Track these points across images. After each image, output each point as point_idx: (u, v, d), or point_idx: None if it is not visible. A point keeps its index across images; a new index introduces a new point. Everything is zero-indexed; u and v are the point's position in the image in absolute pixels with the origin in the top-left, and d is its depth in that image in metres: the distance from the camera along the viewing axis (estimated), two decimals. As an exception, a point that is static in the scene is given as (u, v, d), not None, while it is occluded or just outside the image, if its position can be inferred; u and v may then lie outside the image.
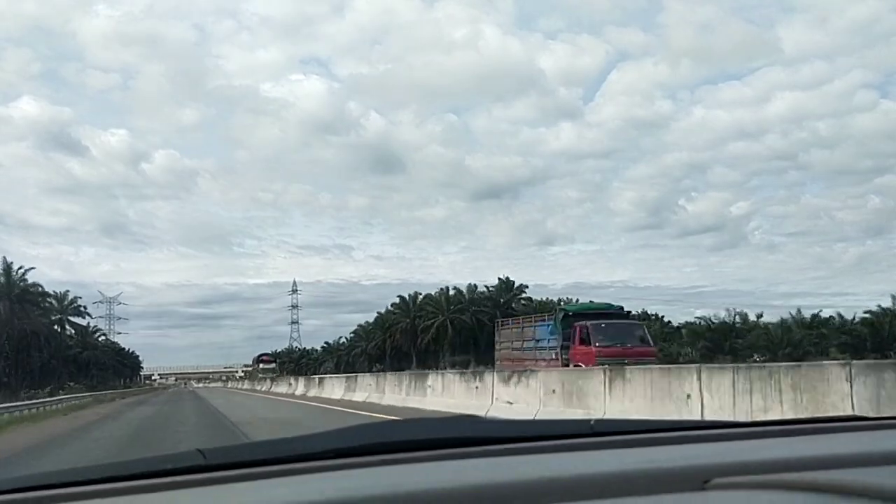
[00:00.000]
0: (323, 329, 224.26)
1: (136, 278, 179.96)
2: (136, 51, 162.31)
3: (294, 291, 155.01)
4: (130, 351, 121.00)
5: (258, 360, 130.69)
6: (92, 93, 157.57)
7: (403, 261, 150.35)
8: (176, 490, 1.19)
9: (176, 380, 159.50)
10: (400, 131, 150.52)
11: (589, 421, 1.59)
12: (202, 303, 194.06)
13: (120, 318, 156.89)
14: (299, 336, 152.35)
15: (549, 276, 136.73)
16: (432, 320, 72.99)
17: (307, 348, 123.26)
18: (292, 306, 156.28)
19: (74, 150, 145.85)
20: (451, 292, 75.69)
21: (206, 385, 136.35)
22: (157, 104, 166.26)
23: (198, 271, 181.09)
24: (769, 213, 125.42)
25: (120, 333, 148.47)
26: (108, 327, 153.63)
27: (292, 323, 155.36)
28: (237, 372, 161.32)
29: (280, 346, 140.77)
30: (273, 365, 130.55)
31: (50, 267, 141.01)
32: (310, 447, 1.35)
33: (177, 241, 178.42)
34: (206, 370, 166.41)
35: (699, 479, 1.09)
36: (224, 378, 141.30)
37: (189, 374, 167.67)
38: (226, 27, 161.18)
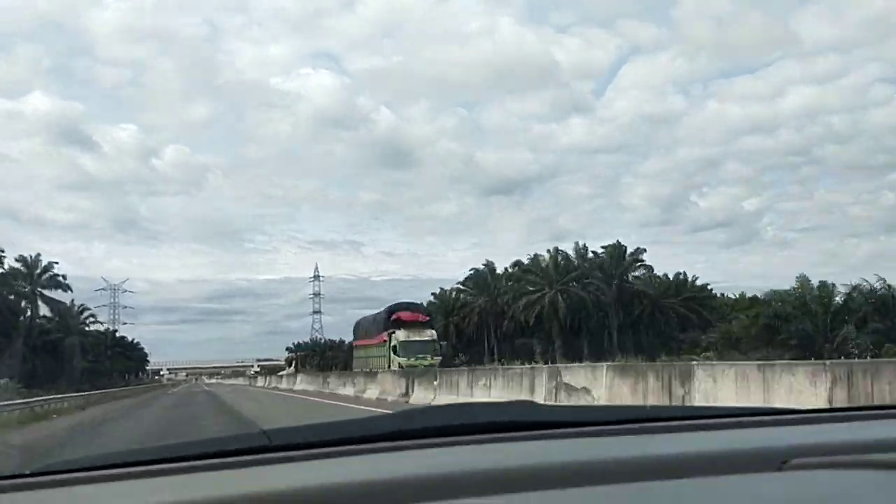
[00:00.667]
0: (334, 325, 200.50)
1: (147, 274, 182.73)
2: (146, 46, 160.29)
3: (316, 278, 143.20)
4: (134, 342, 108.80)
5: (295, 354, 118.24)
6: (103, 88, 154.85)
7: (414, 257, 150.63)
8: (243, 468, 1.23)
9: (187, 375, 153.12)
10: (410, 126, 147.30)
11: (645, 406, 1.45)
12: (213, 298, 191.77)
13: (126, 307, 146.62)
14: (321, 327, 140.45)
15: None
16: (537, 293, 55.92)
17: (335, 340, 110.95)
18: (314, 294, 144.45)
19: (86, 145, 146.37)
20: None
21: (220, 381, 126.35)
22: (168, 100, 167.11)
23: (209, 267, 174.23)
24: (781, 209, 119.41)
25: (126, 324, 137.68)
26: (111, 317, 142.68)
27: (315, 313, 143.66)
28: (252, 367, 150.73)
29: (291, 341, 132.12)
30: (288, 356, 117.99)
31: (62, 262, 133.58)
32: (369, 429, 1.39)
33: (188, 237, 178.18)
34: (218, 364, 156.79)
35: (776, 461, 1.12)
36: (236, 373, 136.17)
37: (200, 368, 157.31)
38: (236, 22, 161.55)
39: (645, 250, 59.08)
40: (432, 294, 70.16)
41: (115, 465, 1.26)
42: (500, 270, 63.73)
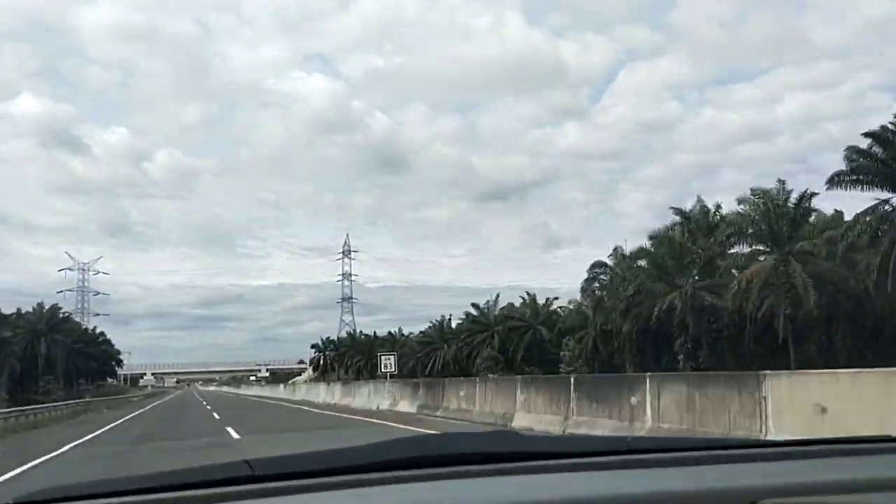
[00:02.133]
0: (328, 332, 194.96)
1: (139, 279, 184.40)
2: (136, 46, 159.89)
3: (345, 254, 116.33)
4: (97, 334, 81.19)
5: (323, 353, 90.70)
6: (92, 90, 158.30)
7: (408, 263, 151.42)
8: (225, 502, 1.20)
9: (178, 382, 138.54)
10: (405, 130, 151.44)
11: (626, 438, 1.60)
12: (206, 304, 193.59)
13: (98, 294, 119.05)
14: (353, 319, 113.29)
15: (554, 280, 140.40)
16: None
17: (376, 334, 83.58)
18: (343, 275, 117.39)
19: (76, 148, 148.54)
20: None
21: (221, 390, 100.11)
22: (158, 101, 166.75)
23: (201, 272, 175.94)
24: None
25: (98, 315, 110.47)
26: (79, 306, 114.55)
27: (343, 300, 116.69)
28: (260, 370, 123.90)
29: (280, 354, 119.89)
30: (314, 356, 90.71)
31: (52, 266, 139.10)
32: (354, 459, 1.39)
33: (180, 242, 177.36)
34: (218, 369, 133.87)
35: (745, 501, 1.11)
36: (235, 379, 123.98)
37: (194, 372, 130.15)
38: (227, 23, 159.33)
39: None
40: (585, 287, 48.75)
41: (94, 496, 1.24)
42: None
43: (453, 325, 66.75)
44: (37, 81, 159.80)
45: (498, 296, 61.42)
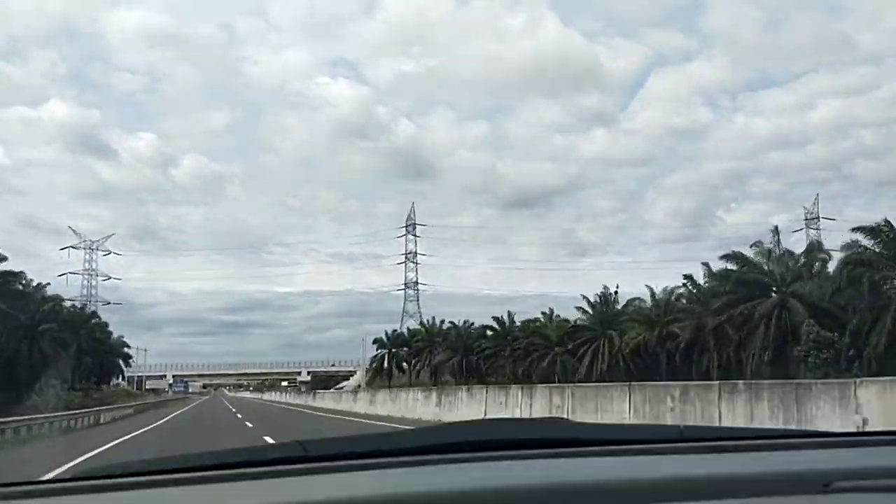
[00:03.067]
0: (352, 340, 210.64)
1: (167, 285, 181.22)
2: (163, 52, 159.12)
3: (409, 229, 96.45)
4: (100, 324, 61.74)
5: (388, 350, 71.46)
6: (119, 95, 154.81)
7: (433, 270, 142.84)
8: (280, 478, 1.24)
9: (204, 387, 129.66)
10: (430, 136, 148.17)
11: (678, 427, 1.62)
12: (232, 310, 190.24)
13: (109, 278, 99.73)
14: (419, 310, 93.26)
15: (581, 288, 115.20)
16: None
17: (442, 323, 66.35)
18: (406, 256, 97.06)
19: (104, 153, 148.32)
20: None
21: (261, 399, 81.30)
22: (185, 107, 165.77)
23: (228, 278, 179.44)
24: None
25: (108, 304, 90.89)
26: (85, 291, 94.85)
27: (407, 286, 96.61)
28: (300, 374, 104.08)
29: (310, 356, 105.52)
30: (376, 354, 70.44)
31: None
32: (404, 443, 1.40)
33: (207, 247, 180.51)
34: (245, 371, 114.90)
35: (819, 483, 1.12)
36: (265, 385, 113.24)
37: (221, 374, 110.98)
38: (254, 28, 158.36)
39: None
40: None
41: (146, 473, 1.27)
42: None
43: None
44: (64, 87, 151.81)
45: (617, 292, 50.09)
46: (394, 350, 70.65)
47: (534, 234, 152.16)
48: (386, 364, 70.15)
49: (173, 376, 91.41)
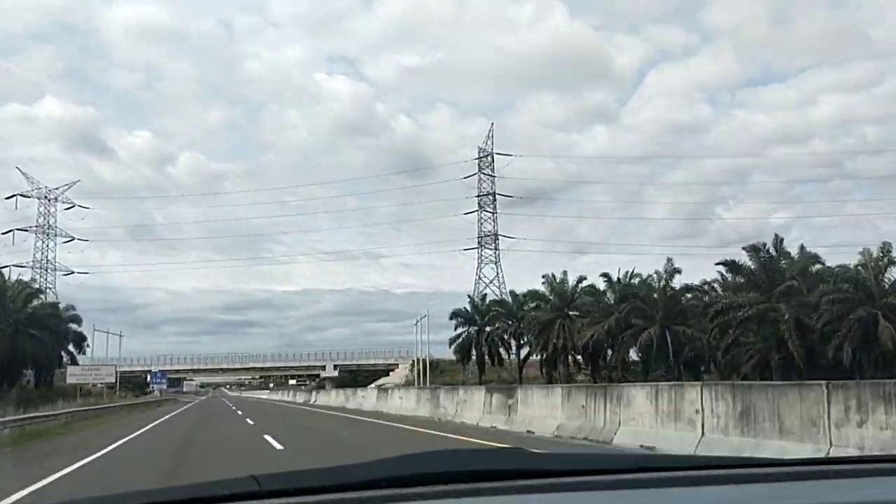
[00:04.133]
0: (353, 338, 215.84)
1: (166, 284, 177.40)
2: (160, 48, 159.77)
3: (484, 161, 74.66)
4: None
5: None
6: (116, 92, 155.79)
7: (433, 269, 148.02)
8: None
9: (202, 386, 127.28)
10: (429, 133, 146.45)
11: (634, 456, 1.62)
12: (231, 309, 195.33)
13: (71, 239, 76.66)
14: (501, 273, 71.21)
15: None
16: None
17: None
18: (482, 203, 75.29)
19: (101, 151, 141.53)
20: None
21: (285, 401, 59.17)
22: (182, 105, 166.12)
23: (226, 277, 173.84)
24: (810, 224, 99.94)
25: (70, 273, 67.89)
26: (38, 249, 72.16)
27: (482, 240, 74.23)
28: (324, 368, 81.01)
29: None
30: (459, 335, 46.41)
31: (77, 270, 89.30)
32: (362, 476, 1.37)
33: (205, 246, 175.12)
34: (250, 365, 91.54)
35: None
36: (264, 381, 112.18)
37: (222, 369, 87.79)
38: (252, 24, 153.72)
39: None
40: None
41: None
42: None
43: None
44: (61, 84, 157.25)
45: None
46: (486, 328, 47.38)
47: (534, 232, 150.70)
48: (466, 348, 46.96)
49: (160, 371, 66.90)
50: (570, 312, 47.19)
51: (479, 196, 77.43)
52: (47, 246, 74.92)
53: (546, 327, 45.68)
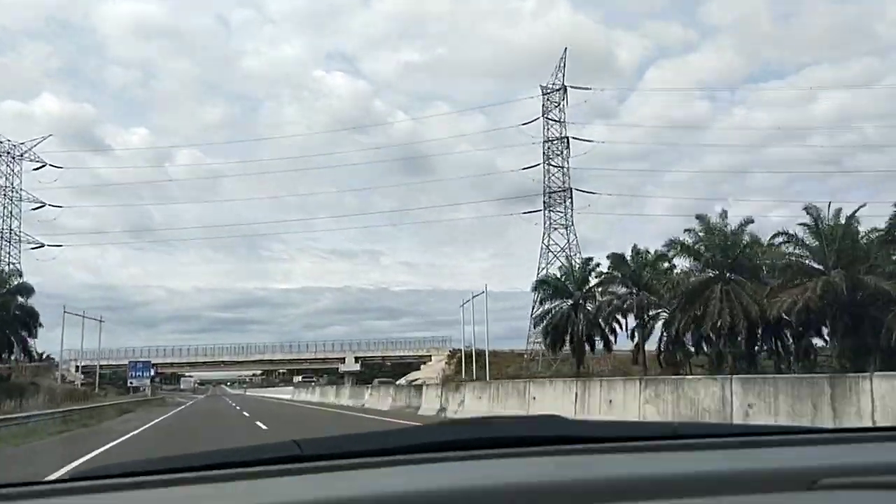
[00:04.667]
0: (352, 335, 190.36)
1: (164, 281, 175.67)
2: (157, 45, 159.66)
3: (551, 99, 62.89)
4: None
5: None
6: (113, 90, 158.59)
7: (433, 267, 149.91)
8: (275, 478, 1.24)
9: (201, 384, 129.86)
10: (428, 130, 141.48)
11: (672, 424, 1.57)
12: (230, 307, 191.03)
13: (42, 205, 64.77)
14: (573, 240, 59.09)
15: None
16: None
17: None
18: (548, 153, 62.72)
19: (98, 149, 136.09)
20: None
21: (314, 401, 44.00)
22: (179, 102, 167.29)
23: (226, 275, 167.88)
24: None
25: (40, 247, 56.01)
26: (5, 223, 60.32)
27: (550, 198, 62.03)
28: (343, 361, 68.92)
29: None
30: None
31: (77, 269, 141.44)
32: (398, 441, 1.39)
33: (203, 244, 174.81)
34: (255, 357, 79.56)
35: (806, 481, 1.12)
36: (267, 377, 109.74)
37: (223, 362, 75.82)
38: (250, 20, 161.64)
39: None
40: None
41: (142, 473, 1.27)
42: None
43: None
44: (57, 81, 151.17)
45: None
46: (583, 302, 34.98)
47: (533, 230, 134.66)
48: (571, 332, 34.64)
49: (140, 363, 53.65)
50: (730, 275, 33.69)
51: (545, 142, 64.47)
52: (10, 212, 62.53)
53: (696, 294, 32.48)
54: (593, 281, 40.96)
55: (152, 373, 51.78)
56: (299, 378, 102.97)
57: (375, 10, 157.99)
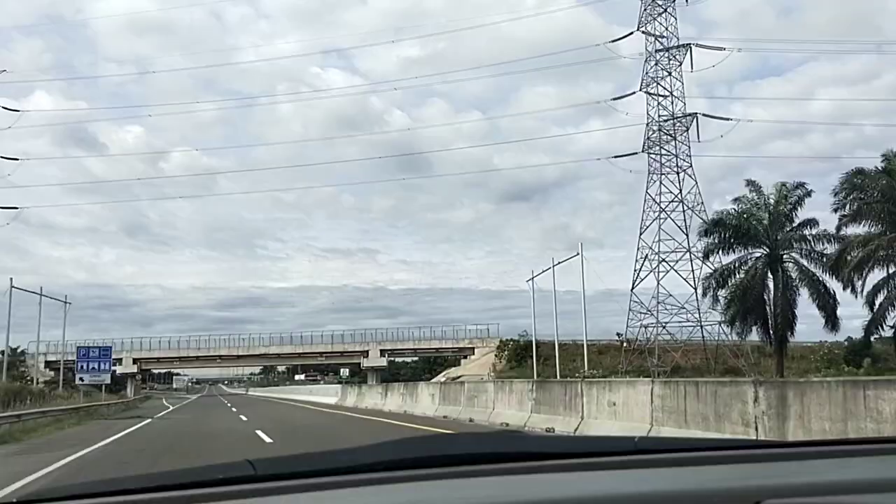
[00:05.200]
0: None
1: (160, 280, 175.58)
2: (150, 41, 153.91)
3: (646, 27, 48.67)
4: None
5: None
6: (107, 86, 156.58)
7: (430, 265, 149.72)
8: (228, 500, 1.20)
9: (197, 382, 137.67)
10: (425, 128, 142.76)
11: (633, 438, 1.60)
12: (227, 306, 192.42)
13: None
14: (694, 189, 47.74)
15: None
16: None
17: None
18: (657, 82, 50.92)
19: (92, 147, 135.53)
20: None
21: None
22: (174, 99, 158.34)
23: (221, 274, 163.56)
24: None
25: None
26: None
27: (664, 129, 52.36)
28: (366, 354, 56.69)
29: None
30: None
31: (73, 269, 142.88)
32: (357, 459, 1.37)
33: (199, 243, 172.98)
34: (256, 352, 68.10)
35: (750, 500, 1.11)
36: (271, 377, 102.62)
37: (220, 356, 63.19)
38: (244, 17, 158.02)
39: None
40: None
41: (96, 495, 1.25)
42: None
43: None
44: (50, 78, 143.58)
45: None
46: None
47: (530, 228, 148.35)
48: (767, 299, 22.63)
49: (86, 348, 40.43)
50: None
51: (647, 59, 51.43)
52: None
53: None
54: (800, 218, 28.33)
55: (111, 366, 39.16)
56: (302, 376, 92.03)
57: (371, 7, 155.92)
